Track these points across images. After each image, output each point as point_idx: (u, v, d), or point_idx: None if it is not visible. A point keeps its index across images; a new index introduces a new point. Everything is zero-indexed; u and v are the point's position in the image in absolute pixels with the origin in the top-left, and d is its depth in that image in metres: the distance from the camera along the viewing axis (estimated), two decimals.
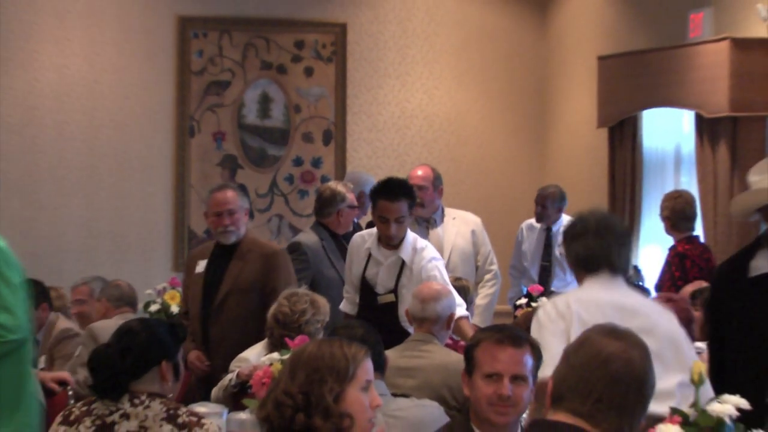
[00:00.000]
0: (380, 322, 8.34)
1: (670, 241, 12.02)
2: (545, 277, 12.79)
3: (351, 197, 10.93)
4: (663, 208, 11.79)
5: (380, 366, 6.78)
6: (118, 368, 6.03)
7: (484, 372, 5.60)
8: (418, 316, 8.22)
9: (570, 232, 6.59)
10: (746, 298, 6.61)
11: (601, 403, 4.17)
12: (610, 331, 4.38)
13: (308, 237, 10.74)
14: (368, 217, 12.08)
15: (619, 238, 6.39)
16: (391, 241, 9.35)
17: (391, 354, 7.40)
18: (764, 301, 6.59)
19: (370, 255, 9.45)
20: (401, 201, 9.17)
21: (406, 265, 9.27)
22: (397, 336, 8.57)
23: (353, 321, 8.79)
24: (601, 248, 6.35)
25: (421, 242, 9.57)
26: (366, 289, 9.44)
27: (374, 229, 9.55)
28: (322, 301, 8.48)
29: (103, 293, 10.80)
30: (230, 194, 9.94)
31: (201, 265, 9.71)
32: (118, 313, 10.35)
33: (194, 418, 6.04)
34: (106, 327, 9.87)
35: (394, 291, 9.24)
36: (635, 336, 4.47)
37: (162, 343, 6.22)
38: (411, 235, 9.46)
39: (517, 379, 5.65)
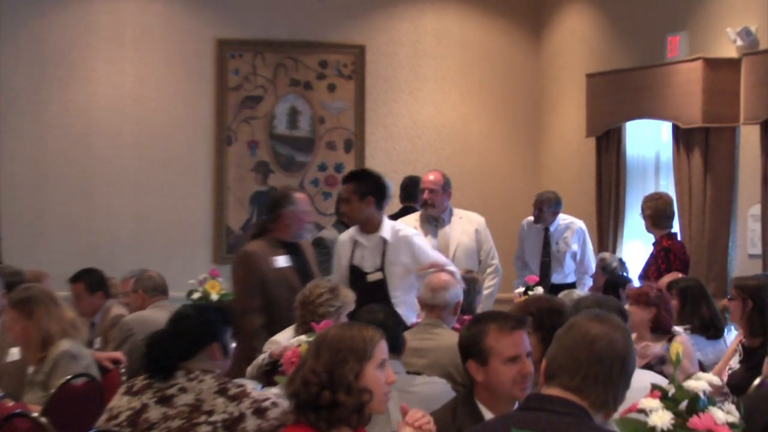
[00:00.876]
0: (371, 300, 8.29)
1: (649, 236, 12.03)
2: (546, 270, 12.74)
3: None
4: (645, 208, 11.78)
5: (399, 347, 6.84)
6: (171, 350, 6.10)
7: (505, 357, 5.53)
8: (428, 303, 8.24)
9: None
10: None
11: (588, 378, 4.16)
12: (595, 316, 4.37)
13: (330, 233, 10.89)
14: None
15: None
16: (350, 221, 9.96)
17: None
18: None
19: (355, 243, 9.61)
20: (348, 183, 9.77)
21: (389, 243, 9.46)
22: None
23: (375, 306, 8.78)
24: None
25: (400, 225, 9.92)
26: (355, 273, 9.54)
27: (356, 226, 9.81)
28: (345, 291, 8.49)
29: (138, 285, 10.83)
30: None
31: (281, 260, 9.60)
32: (153, 302, 10.50)
33: (242, 389, 6.10)
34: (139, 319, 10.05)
35: (381, 269, 9.39)
36: (617, 319, 4.49)
37: (212, 326, 6.24)
38: (389, 221, 9.76)
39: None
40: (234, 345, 6.87)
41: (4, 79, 14.85)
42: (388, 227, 9.60)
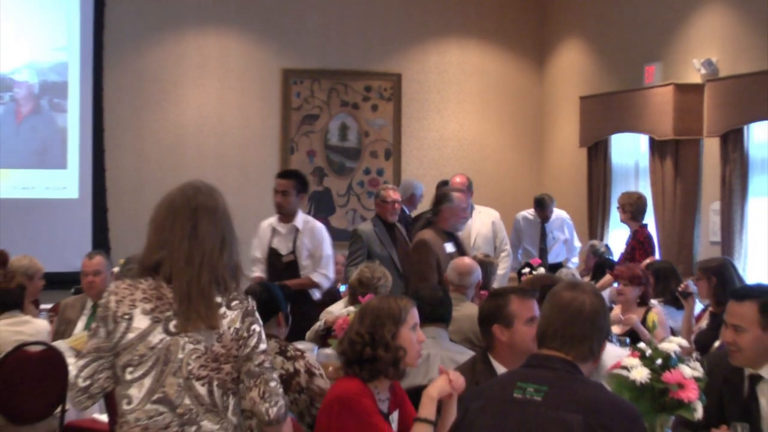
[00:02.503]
0: (285, 277, 9.19)
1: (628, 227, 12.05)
2: (544, 255, 12.79)
3: (384, 194, 10.85)
4: (626, 204, 11.74)
5: (446, 319, 6.86)
6: None
7: (525, 319, 5.54)
8: (455, 283, 8.24)
9: None
10: None
11: (566, 337, 4.12)
12: (567, 285, 4.35)
13: (365, 225, 10.81)
14: (418, 210, 12.15)
15: None
16: (280, 209, 9.83)
17: None
18: None
19: (273, 230, 9.82)
20: (287, 179, 9.84)
21: (299, 231, 9.72)
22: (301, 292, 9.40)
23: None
24: None
25: (309, 217, 10.14)
26: (272, 254, 9.77)
27: (275, 216, 9.97)
28: (388, 274, 8.59)
29: None
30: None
31: (449, 246, 9.61)
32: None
33: (299, 352, 6.11)
34: None
35: (293, 252, 9.61)
36: (588, 286, 4.47)
37: (277, 299, 6.29)
38: (302, 213, 9.96)
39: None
40: None
41: (110, 102, 14.85)
42: (300, 218, 9.84)
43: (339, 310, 8.43)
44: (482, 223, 11.08)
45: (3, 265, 9.28)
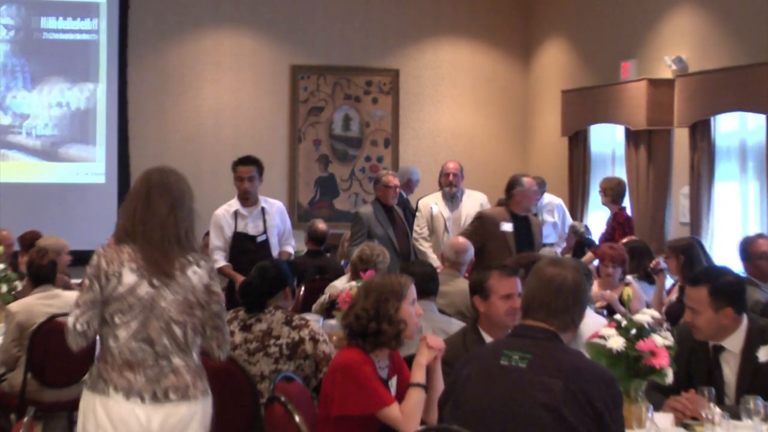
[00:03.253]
0: (259, 257, 8.00)
1: (606, 210, 12.05)
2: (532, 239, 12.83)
3: (386, 180, 10.85)
4: (607, 188, 11.79)
5: (435, 292, 6.86)
6: (260, 290, 6.12)
7: (501, 294, 5.53)
8: (451, 260, 8.27)
9: None
10: None
11: (549, 309, 4.12)
12: (550, 261, 4.35)
13: (365, 208, 10.81)
14: (416, 195, 12.14)
15: None
16: (247, 195, 9.28)
17: None
18: None
19: (236, 215, 9.25)
20: (251, 165, 9.27)
21: (266, 211, 9.32)
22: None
23: (423, 260, 8.85)
24: None
25: (269, 199, 9.61)
26: (241, 238, 9.22)
27: (233, 201, 9.44)
28: (386, 252, 8.59)
29: None
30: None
31: (506, 226, 9.87)
32: None
33: (303, 321, 6.11)
34: None
35: (264, 232, 9.24)
36: (570, 262, 4.47)
37: (285, 274, 6.29)
38: (261, 196, 9.48)
39: (519, 296, 5.58)
40: None
41: (134, 94, 14.87)
42: (262, 200, 9.43)
43: (342, 284, 8.44)
44: (471, 204, 11.03)
45: (33, 245, 9.31)
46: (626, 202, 12.63)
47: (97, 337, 4.74)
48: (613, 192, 11.72)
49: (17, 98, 14.56)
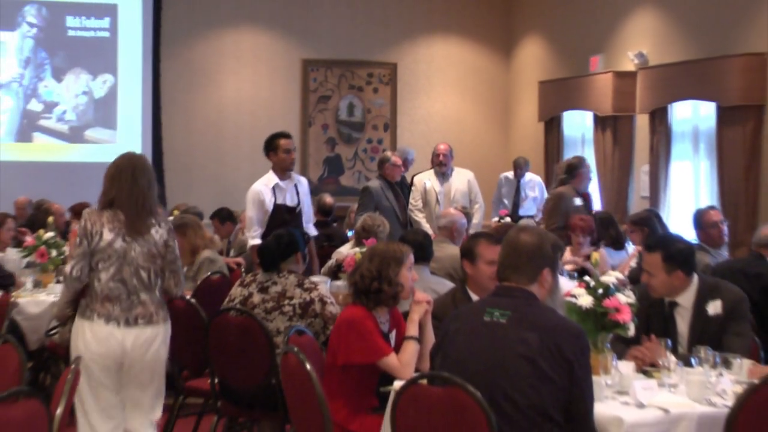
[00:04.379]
0: (293, 225, 7.73)
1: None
2: (516, 208, 12.81)
3: (394, 160, 10.89)
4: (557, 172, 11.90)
5: (428, 257, 6.86)
6: (275, 253, 6.10)
7: (486, 260, 5.46)
8: (446, 227, 8.24)
9: None
10: None
11: (515, 266, 4.12)
12: (517, 228, 4.34)
13: (373, 183, 10.80)
14: (410, 173, 12.10)
15: None
16: (293, 166, 8.47)
17: None
18: None
19: (275, 189, 8.33)
20: (291, 138, 8.48)
21: (299, 184, 8.47)
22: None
23: (418, 229, 8.81)
24: None
25: (295, 174, 8.67)
26: (281, 210, 8.33)
27: (268, 175, 8.50)
28: (385, 221, 8.57)
29: None
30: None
31: (577, 201, 10.29)
32: None
33: (313, 284, 6.09)
34: None
35: (299, 204, 8.40)
36: (533, 227, 4.49)
37: (296, 241, 6.26)
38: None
39: None
40: None
41: (166, 85, 14.85)
42: (295, 175, 8.60)
43: (347, 250, 8.43)
44: (460, 181, 11.05)
45: (78, 215, 9.30)
46: (594, 179, 12.62)
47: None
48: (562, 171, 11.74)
49: (48, 87, 14.59)
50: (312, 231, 8.58)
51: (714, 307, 5.11)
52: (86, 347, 5.25)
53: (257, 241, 8.08)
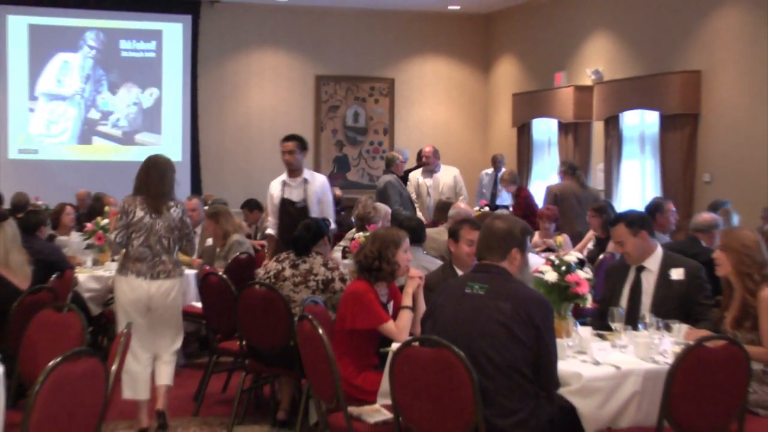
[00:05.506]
0: (298, 220, 7.12)
1: (544, 182, 12.02)
2: (494, 198, 12.78)
3: (402, 159, 10.96)
4: (504, 177, 11.91)
5: (421, 240, 6.84)
6: (307, 239, 6.03)
7: (466, 240, 5.48)
8: (453, 218, 8.12)
9: None
10: None
11: (489, 247, 4.11)
12: (492, 216, 4.34)
13: (389, 177, 10.56)
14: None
15: None
16: (290, 167, 7.72)
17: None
18: None
19: (283, 184, 7.76)
20: (292, 141, 7.68)
21: (308, 182, 7.71)
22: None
23: (413, 216, 8.72)
24: None
25: (314, 172, 8.09)
26: (285, 203, 7.73)
27: (285, 173, 7.86)
28: (382, 207, 8.49)
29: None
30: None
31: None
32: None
33: (335, 265, 6.03)
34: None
35: (305, 200, 7.73)
36: (506, 215, 4.49)
37: (323, 228, 6.21)
38: (307, 169, 7.87)
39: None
40: None
41: (202, 97, 14.86)
42: (307, 173, 7.83)
43: (351, 234, 8.42)
44: (447, 177, 11.01)
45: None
46: (556, 178, 12.61)
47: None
48: (508, 178, 11.81)
49: (104, 99, 14.61)
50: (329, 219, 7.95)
51: (677, 274, 5.12)
52: (123, 295, 5.88)
53: (270, 231, 7.86)
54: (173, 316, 6.02)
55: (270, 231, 7.89)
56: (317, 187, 7.74)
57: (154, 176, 5.97)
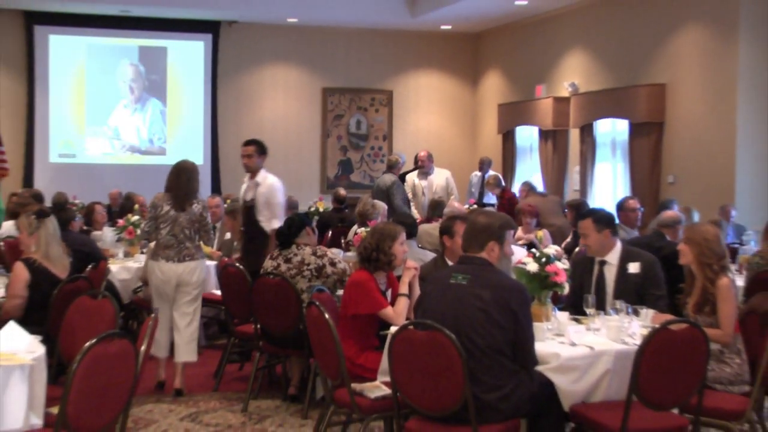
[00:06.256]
0: (249, 216, 7.29)
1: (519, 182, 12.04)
2: (481, 197, 12.76)
3: (403, 161, 10.82)
4: (488, 182, 12.04)
5: (414, 235, 6.83)
6: (288, 233, 6.01)
7: (460, 234, 5.46)
8: (447, 215, 8.12)
9: None
10: None
11: (472, 239, 4.09)
12: (476, 212, 4.36)
13: (392, 177, 10.40)
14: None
15: None
16: (248, 169, 7.38)
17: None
18: None
19: (245, 185, 7.45)
20: (250, 145, 7.38)
21: (258, 184, 7.29)
22: (256, 225, 7.34)
23: (408, 213, 8.65)
24: None
25: (270, 176, 7.49)
26: (244, 202, 7.45)
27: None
28: (380, 204, 8.40)
29: (288, 205, 10.45)
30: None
31: None
32: (290, 213, 10.05)
33: (323, 252, 5.99)
34: None
35: (253, 200, 7.31)
36: (488, 211, 4.49)
37: (303, 219, 6.08)
38: (264, 172, 7.42)
39: None
40: None
41: (221, 108, 14.84)
42: (261, 175, 7.38)
43: (354, 229, 8.41)
44: (439, 178, 10.98)
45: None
46: (539, 178, 12.63)
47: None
48: (493, 182, 11.87)
49: (135, 108, 14.62)
50: (266, 227, 7.34)
51: (634, 267, 5.11)
52: (155, 277, 6.29)
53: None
54: (196, 290, 6.36)
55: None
56: (264, 189, 7.36)
57: (182, 178, 6.32)
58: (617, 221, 7.66)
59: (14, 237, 6.98)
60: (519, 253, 5.49)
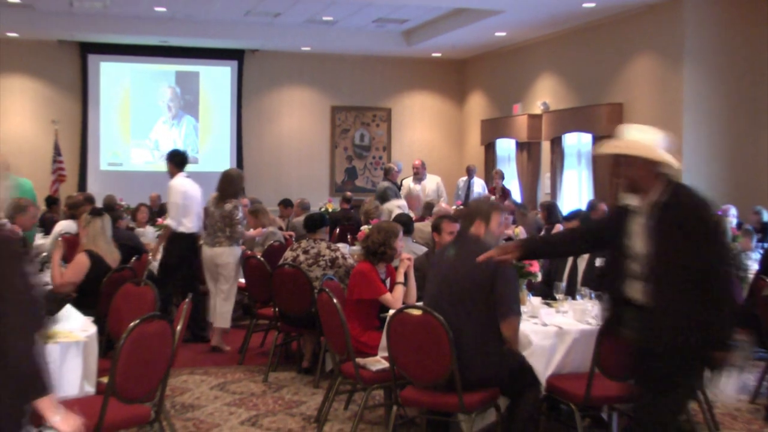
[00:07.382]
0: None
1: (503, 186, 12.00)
2: (467, 199, 12.59)
3: (397, 169, 10.67)
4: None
5: (410, 231, 6.82)
6: (311, 225, 6.04)
7: (447, 231, 5.35)
8: (437, 215, 8.06)
9: None
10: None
11: (463, 218, 4.13)
12: (476, 199, 4.40)
13: (387, 183, 10.33)
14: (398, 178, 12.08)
15: None
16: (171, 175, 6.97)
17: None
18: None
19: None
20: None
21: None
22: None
23: (404, 213, 8.60)
24: None
25: (175, 180, 7.07)
26: None
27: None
28: (381, 207, 8.45)
29: (299, 206, 10.32)
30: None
31: None
32: (302, 213, 9.76)
33: (337, 247, 6.00)
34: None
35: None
36: (488, 201, 4.49)
37: (323, 218, 6.18)
38: (175, 178, 7.04)
39: None
40: None
41: (245, 123, 14.75)
42: (170, 181, 7.03)
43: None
44: (431, 183, 10.96)
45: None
46: (515, 183, 12.58)
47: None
48: (496, 175, 11.77)
49: (172, 124, 14.53)
50: (172, 224, 6.95)
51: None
52: (203, 255, 6.83)
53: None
54: (225, 270, 6.74)
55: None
56: (171, 191, 6.96)
57: (222, 182, 6.80)
58: None
59: (71, 234, 6.97)
60: None
